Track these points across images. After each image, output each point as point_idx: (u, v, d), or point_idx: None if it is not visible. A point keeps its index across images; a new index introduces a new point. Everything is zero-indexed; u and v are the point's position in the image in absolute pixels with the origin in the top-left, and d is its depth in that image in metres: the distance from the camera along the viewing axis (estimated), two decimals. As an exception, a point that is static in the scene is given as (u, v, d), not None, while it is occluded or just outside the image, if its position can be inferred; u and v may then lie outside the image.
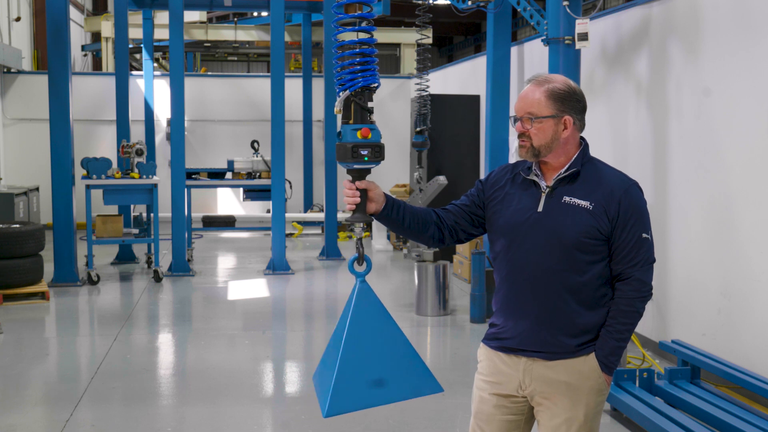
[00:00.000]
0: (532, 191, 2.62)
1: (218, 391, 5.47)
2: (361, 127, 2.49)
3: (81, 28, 19.30)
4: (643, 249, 2.56)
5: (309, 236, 13.71)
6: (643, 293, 2.57)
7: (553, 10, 6.49)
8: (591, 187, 2.57)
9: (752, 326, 5.19)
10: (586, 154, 2.64)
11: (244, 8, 15.09)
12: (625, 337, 2.57)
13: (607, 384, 2.62)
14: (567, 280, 2.54)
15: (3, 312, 7.65)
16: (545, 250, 2.55)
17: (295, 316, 8.14)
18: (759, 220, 5.13)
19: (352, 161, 2.48)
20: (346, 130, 2.50)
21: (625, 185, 2.59)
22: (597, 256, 2.55)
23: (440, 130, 10.45)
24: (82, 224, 11.45)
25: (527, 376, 2.61)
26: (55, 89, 8.95)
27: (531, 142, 2.57)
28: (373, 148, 2.49)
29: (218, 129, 15.22)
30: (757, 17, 5.19)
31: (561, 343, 2.56)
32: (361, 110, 2.50)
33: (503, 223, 2.64)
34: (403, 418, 4.89)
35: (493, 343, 2.70)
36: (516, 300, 2.61)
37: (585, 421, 2.58)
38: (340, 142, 2.52)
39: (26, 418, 4.96)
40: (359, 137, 2.48)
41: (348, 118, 2.52)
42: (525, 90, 2.62)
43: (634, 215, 2.56)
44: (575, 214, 2.54)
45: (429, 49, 10.31)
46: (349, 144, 2.47)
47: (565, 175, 2.59)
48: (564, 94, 2.57)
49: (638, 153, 6.54)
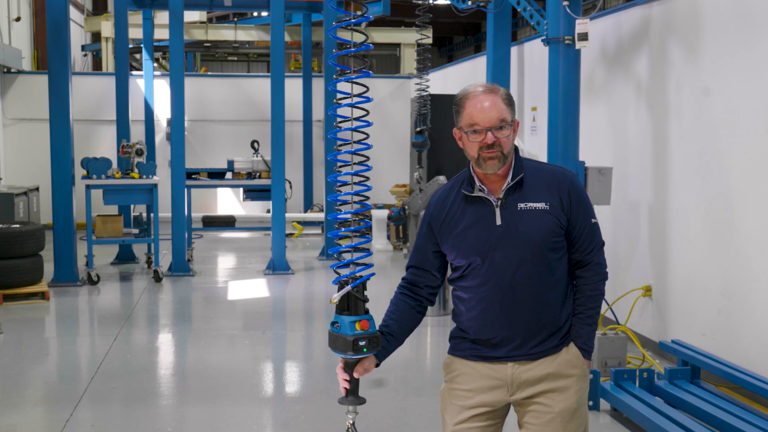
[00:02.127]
0: (481, 207, 2.59)
1: (218, 391, 5.47)
2: (360, 319, 2.47)
3: (81, 28, 19.30)
4: (596, 234, 2.67)
5: (309, 236, 13.72)
6: (603, 275, 2.69)
7: (553, 10, 6.49)
8: (539, 188, 2.59)
9: (752, 326, 5.19)
10: (520, 158, 2.64)
11: (244, 8, 15.10)
12: (596, 320, 2.68)
13: (588, 368, 2.69)
14: (543, 282, 2.58)
15: (3, 312, 7.65)
16: (518, 260, 2.55)
17: (295, 316, 8.14)
18: (759, 220, 5.13)
19: (353, 354, 2.46)
20: (344, 321, 2.46)
21: (568, 177, 2.65)
22: (561, 252, 2.62)
23: (440, 130, 10.42)
24: (82, 224, 11.43)
25: (515, 382, 2.61)
26: (55, 89, 8.95)
27: (501, 150, 2.53)
28: (370, 339, 2.47)
29: (218, 129, 15.22)
30: (757, 17, 5.19)
31: (545, 343, 2.60)
32: (358, 301, 2.47)
33: (466, 247, 2.59)
34: (403, 418, 4.89)
35: (471, 355, 2.66)
36: (498, 315, 2.59)
37: (577, 407, 2.63)
38: (338, 333, 2.48)
39: (26, 418, 4.97)
40: (358, 329, 2.46)
41: (345, 309, 2.48)
42: (480, 99, 2.55)
43: (583, 204, 2.63)
44: (536, 218, 2.56)
45: (429, 49, 10.30)
46: (350, 337, 2.44)
47: (513, 184, 2.58)
48: (512, 98, 2.62)
49: (638, 153, 6.54)
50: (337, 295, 2.47)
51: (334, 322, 2.50)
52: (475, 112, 2.54)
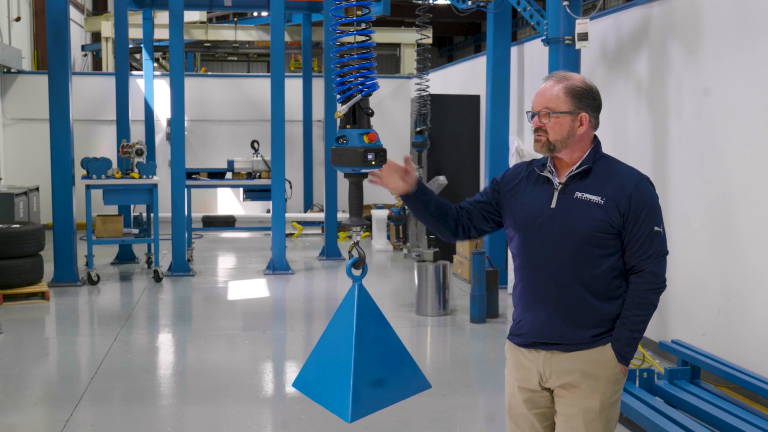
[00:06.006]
0: (545, 187, 2.69)
1: (218, 391, 5.47)
2: (368, 131, 2.46)
3: (81, 28, 19.30)
4: (656, 242, 2.61)
5: (309, 236, 13.72)
6: (657, 285, 2.62)
7: (553, 10, 6.50)
8: (602, 183, 2.63)
9: (752, 326, 5.19)
10: (598, 151, 2.71)
11: (244, 8, 15.10)
12: (641, 328, 2.63)
13: (623, 374, 2.67)
14: (581, 274, 2.60)
15: (3, 312, 7.65)
16: (559, 245, 2.61)
17: (295, 316, 8.14)
18: (759, 219, 5.12)
19: (362, 165, 2.43)
20: (352, 134, 2.46)
21: (636, 180, 2.64)
22: (609, 249, 2.61)
23: (440, 130, 10.44)
24: (82, 224, 11.44)
25: (547, 369, 2.67)
26: (55, 89, 8.95)
27: (547, 137, 2.64)
28: (377, 152, 2.47)
29: (218, 129, 15.22)
30: (757, 17, 5.19)
31: (577, 334, 2.63)
32: (364, 115, 2.47)
33: (518, 219, 2.71)
34: (403, 418, 4.89)
35: (515, 339, 2.78)
36: (532, 294, 2.68)
37: (601, 410, 2.64)
38: (346, 147, 2.45)
39: (26, 418, 4.96)
40: (366, 141, 2.45)
41: (352, 122, 2.48)
42: (543, 86, 2.68)
43: (645, 209, 2.61)
44: (587, 210, 2.60)
45: (429, 49, 10.31)
46: (360, 148, 2.42)
47: (576, 172, 2.65)
48: (582, 91, 2.66)
49: (638, 153, 6.54)
50: (344, 107, 2.45)
51: (338, 138, 2.48)
52: (534, 95, 2.69)
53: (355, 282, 2.59)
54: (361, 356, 2.48)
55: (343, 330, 2.55)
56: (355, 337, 2.49)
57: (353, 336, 2.49)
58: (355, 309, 2.53)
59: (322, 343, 2.64)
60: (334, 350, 2.57)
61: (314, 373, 2.64)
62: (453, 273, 9.52)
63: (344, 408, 2.44)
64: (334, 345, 2.58)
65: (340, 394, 2.47)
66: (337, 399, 2.48)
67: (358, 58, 2.48)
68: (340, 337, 2.56)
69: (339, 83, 2.50)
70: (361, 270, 2.61)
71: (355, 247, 2.61)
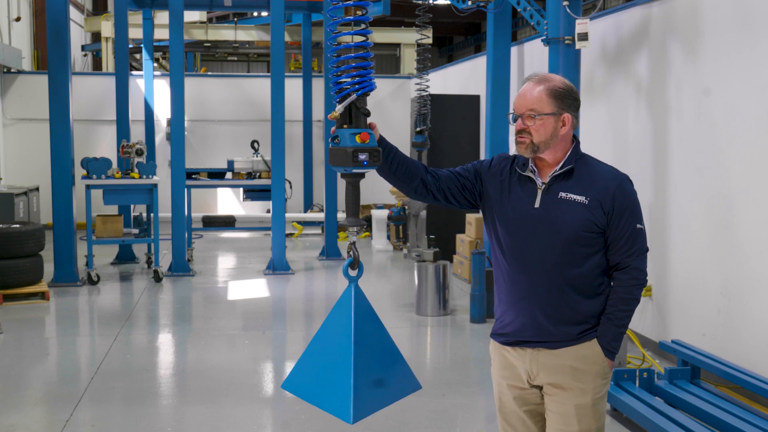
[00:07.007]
0: (527, 187, 2.70)
1: (218, 391, 5.47)
2: (360, 131, 2.46)
3: (81, 28, 19.30)
4: (639, 239, 2.68)
5: (309, 236, 13.72)
6: (641, 280, 2.69)
7: (553, 10, 6.49)
8: (586, 183, 2.65)
9: (752, 326, 5.19)
10: (578, 151, 2.72)
11: (244, 8, 15.09)
12: (625, 323, 2.69)
13: (609, 368, 2.71)
14: (566, 273, 2.63)
15: (3, 312, 7.65)
16: (545, 245, 2.63)
17: (295, 316, 8.14)
18: (759, 220, 5.13)
19: (353, 166, 2.44)
20: (344, 134, 2.46)
21: (618, 180, 2.68)
22: (594, 248, 2.65)
23: (440, 130, 10.45)
24: (82, 224, 11.44)
25: (534, 366, 2.70)
26: (55, 89, 8.94)
27: (531, 138, 2.64)
28: (371, 152, 2.47)
29: (218, 129, 15.22)
30: (757, 17, 5.19)
31: (563, 332, 2.66)
32: (360, 115, 2.47)
33: (501, 218, 2.71)
34: (403, 418, 4.89)
35: (499, 338, 2.81)
36: (516, 292, 2.70)
37: (592, 405, 2.68)
38: (338, 147, 2.46)
39: (26, 418, 4.96)
40: (358, 141, 2.45)
41: (346, 122, 2.48)
42: (524, 88, 2.68)
43: (629, 208, 2.66)
44: (572, 209, 2.62)
45: (429, 49, 10.32)
46: (350, 149, 2.43)
47: (560, 172, 2.66)
48: (563, 92, 2.66)
49: (638, 153, 6.54)
50: (340, 107, 2.45)
51: (333, 137, 2.49)
52: (516, 98, 2.69)
53: (351, 282, 2.59)
54: (360, 357, 2.48)
55: (340, 331, 2.54)
56: (354, 338, 2.49)
57: (352, 336, 2.49)
58: (353, 309, 2.53)
59: (315, 344, 2.62)
60: (330, 351, 2.55)
61: (308, 375, 2.61)
62: (453, 273, 9.52)
63: (345, 409, 2.43)
64: (329, 346, 2.56)
65: (340, 396, 2.46)
66: (336, 400, 2.47)
67: (354, 57, 2.49)
68: (336, 338, 2.55)
69: (334, 83, 2.50)
70: (356, 271, 2.61)
71: (352, 247, 2.61)
